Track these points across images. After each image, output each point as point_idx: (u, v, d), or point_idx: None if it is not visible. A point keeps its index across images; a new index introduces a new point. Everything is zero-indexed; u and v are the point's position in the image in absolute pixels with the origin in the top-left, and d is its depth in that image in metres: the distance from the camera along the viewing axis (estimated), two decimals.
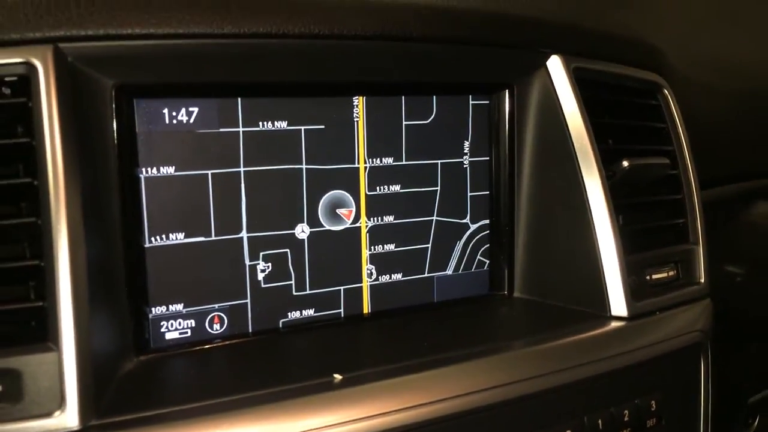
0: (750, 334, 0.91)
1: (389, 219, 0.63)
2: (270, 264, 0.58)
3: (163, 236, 0.54)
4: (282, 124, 0.58)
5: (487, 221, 0.68)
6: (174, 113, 0.53)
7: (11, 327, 0.43)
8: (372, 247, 0.63)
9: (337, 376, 0.49)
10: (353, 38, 0.55)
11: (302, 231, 0.59)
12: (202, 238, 0.55)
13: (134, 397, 0.46)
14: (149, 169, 0.53)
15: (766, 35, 0.97)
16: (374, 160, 0.62)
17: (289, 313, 0.60)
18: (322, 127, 0.59)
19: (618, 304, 0.62)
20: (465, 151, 0.67)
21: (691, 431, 0.65)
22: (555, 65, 0.65)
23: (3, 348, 0.42)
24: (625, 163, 0.64)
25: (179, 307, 0.55)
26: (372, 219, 0.63)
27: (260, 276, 0.58)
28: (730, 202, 0.93)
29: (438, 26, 0.59)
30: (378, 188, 0.63)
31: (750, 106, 0.90)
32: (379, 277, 0.64)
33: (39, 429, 0.41)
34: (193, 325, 0.56)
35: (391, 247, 0.64)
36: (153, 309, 0.54)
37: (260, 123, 0.57)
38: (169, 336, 0.55)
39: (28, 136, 0.44)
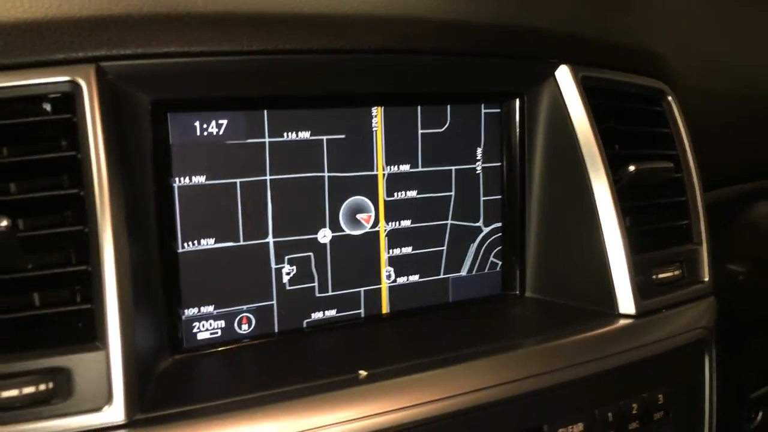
0: (752, 332, 0.93)
1: (406, 223, 0.66)
2: (294, 267, 0.61)
3: (195, 242, 0.57)
4: (305, 135, 0.61)
5: (500, 224, 0.71)
6: (205, 125, 0.56)
7: (61, 328, 0.46)
8: (390, 250, 0.66)
9: (362, 372, 0.52)
10: (371, 52, 0.58)
11: (324, 236, 0.62)
12: (231, 243, 0.58)
13: (172, 393, 0.49)
14: (182, 178, 0.56)
15: (766, 40, 1.00)
16: (392, 167, 0.65)
17: (312, 314, 0.63)
18: (343, 136, 0.62)
19: (626, 302, 0.65)
20: (478, 158, 0.70)
21: (697, 425, 0.68)
22: (563, 74, 0.68)
23: (54, 348, 0.45)
24: (632, 168, 0.67)
25: (210, 308, 0.58)
26: (390, 223, 0.66)
27: (285, 278, 0.61)
28: (732, 203, 0.96)
29: (451, 40, 0.62)
30: (396, 194, 0.66)
31: (751, 109, 0.93)
32: (397, 279, 0.66)
33: (89, 423, 0.44)
34: (223, 325, 0.59)
35: (408, 250, 0.67)
36: (186, 311, 0.57)
37: (285, 133, 0.60)
38: (200, 336, 0.58)
39: (73, 149, 0.47)
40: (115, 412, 0.45)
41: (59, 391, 0.44)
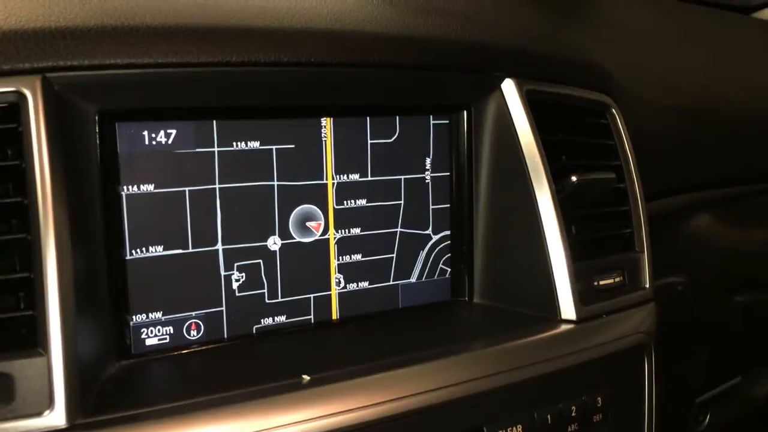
0: (697, 339, 0.97)
1: (356, 231, 0.68)
2: (244, 274, 0.63)
3: (144, 249, 0.58)
4: (255, 144, 0.62)
5: (448, 232, 0.73)
6: (153, 135, 0.57)
7: (3, 335, 0.47)
8: (340, 258, 0.67)
9: (306, 377, 0.54)
10: (320, 65, 0.60)
11: (274, 243, 0.64)
12: (180, 251, 0.59)
13: (117, 398, 0.50)
14: (130, 187, 0.57)
15: (710, 57, 1.04)
16: (342, 176, 0.67)
17: (262, 320, 0.64)
18: (293, 146, 0.64)
19: (567, 308, 0.67)
20: (427, 167, 0.72)
21: (637, 427, 0.70)
22: (509, 88, 0.70)
23: None
24: (574, 179, 0.70)
25: (158, 315, 0.59)
26: (340, 231, 0.67)
27: (235, 285, 0.62)
28: (673, 215, 0.99)
29: (399, 54, 0.64)
30: (345, 202, 0.67)
31: (693, 122, 0.96)
32: (347, 286, 0.68)
33: (29, 427, 0.45)
34: (172, 331, 0.60)
35: (358, 257, 0.68)
36: (134, 317, 0.58)
37: (234, 143, 0.61)
38: (149, 342, 0.59)
39: (18, 158, 0.48)
40: (56, 416, 0.45)
41: (0, 396, 0.45)
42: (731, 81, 1.07)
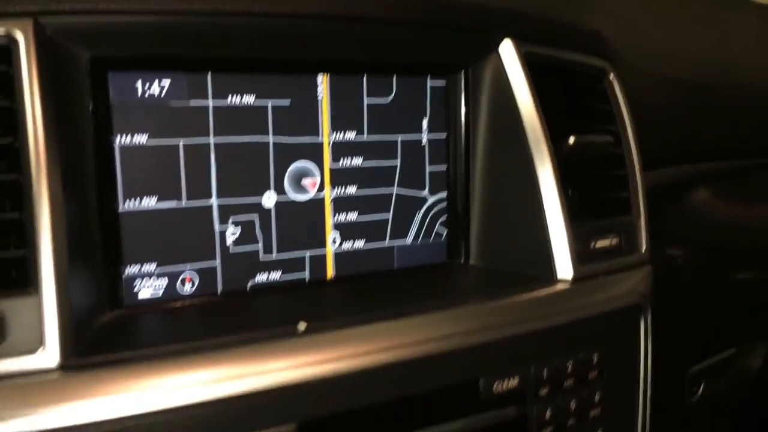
0: (691, 309, 0.96)
1: (352, 190, 0.68)
2: (239, 229, 0.62)
3: (137, 201, 0.58)
4: (250, 99, 0.62)
5: (445, 194, 0.73)
6: (147, 85, 0.57)
7: None
8: (336, 216, 0.67)
9: (302, 325, 0.53)
10: (316, 18, 0.59)
11: (269, 198, 0.63)
12: (174, 203, 0.59)
13: (110, 342, 0.50)
14: (123, 137, 0.56)
15: (708, 27, 1.03)
16: (338, 134, 0.66)
17: (256, 276, 0.64)
18: (288, 102, 0.63)
19: (564, 268, 0.67)
20: (423, 129, 0.71)
21: (631, 385, 0.70)
22: (507, 49, 0.70)
23: None
24: (571, 140, 0.69)
25: (152, 267, 0.59)
26: (336, 190, 0.67)
27: (229, 240, 0.62)
28: (671, 187, 0.99)
29: (397, 9, 0.63)
30: (341, 161, 0.67)
31: (689, 94, 0.96)
32: (343, 245, 0.68)
33: (21, 366, 0.45)
34: (165, 284, 0.60)
35: (353, 216, 0.68)
36: (127, 268, 0.58)
37: (229, 97, 0.61)
38: (141, 295, 0.59)
39: (9, 100, 0.48)
40: (49, 355, 0.45)
41: None
42: (730, 55, 1.07)
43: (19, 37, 0.48)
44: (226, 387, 0.49)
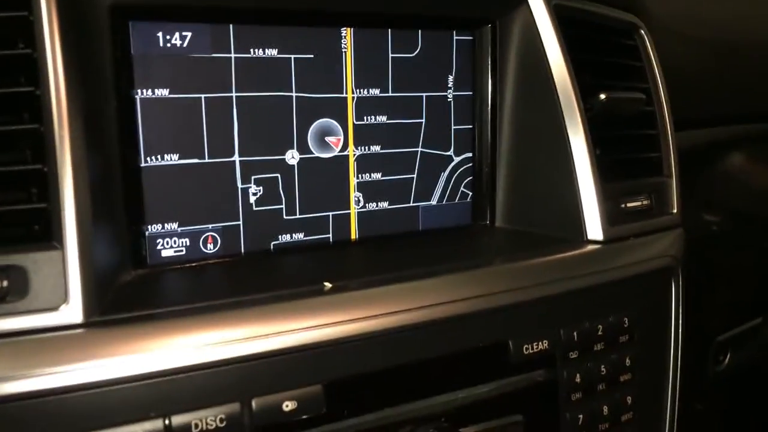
0: (717, 277, 0.94)
1: (376, 148, 0.66)
2: (261, 188, 0.61)
3: (159, 157, 0.56)
4: (272, 52, 0.60)
5: (470, 154, 0.71)
6: (168, 36, 0.55)
7: (16, 229, 0.45)
8: (359, 176, 0.65)
9: (328, 284, 0.52)
10: None
11: (292, 157, 0.62)
12: (195, 160, 0.58)
13: (134, 299, 0.49)
14: (145, 91, 0.55)
15: None
16: (361, 90, 0.64)
17: (279, 236, 0.62)
18: (311, 56, 0.61)
19: (594, 229, 0.65)
20: (449, 86, 0.69)
21: (662, 350, 0.68)
22: (536, 2, 0.67)
23: (7, 246, 0.44)
24: (603, 96, 0.67)
25: (174, 226, 0.58)
26: (359, 148, 0.65)
27: (252, 199, 0.60)
28: (704, 151, 0.96)
29: None
30: (365, 118, 0.65)
31: (719, 55, 0.93)
32: (366, 205, 0.66)
33: (45, 323, 0.44)
34: (188, 243, 0.58)
35: (377, 175, 0.66)
36: (149, 227, 0.57)
37: (251, 50, 0.59)
38: (164, 253, 0.57)
39: (30, 48, 0.46)
40: (72, 312, 0.44)
41: (14, 289, 0.43)
42: (760, 16, 1.03)
43: None
44: (252, 346, 0.47)
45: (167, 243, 0.57)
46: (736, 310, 0.99)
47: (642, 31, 0.76)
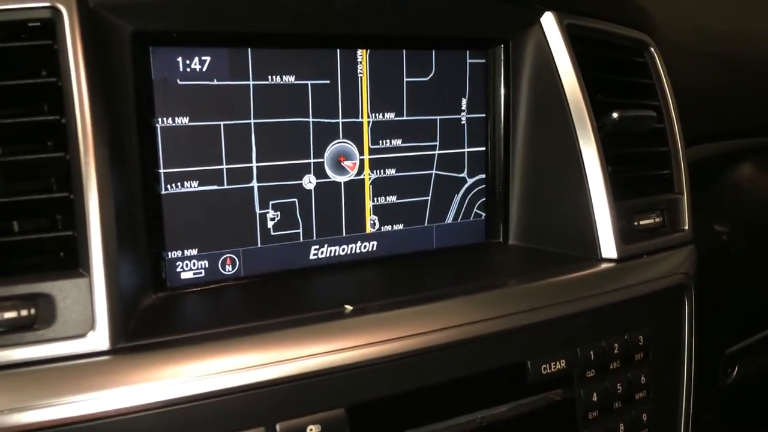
0: (726, 289, 0.95)
1: (391, 172, 0.66)
2: (279, 213, 0.61)
3: (179, 184, 0.57)
4: (290, 79, 0.60)
5: (483, 176, 0.71)
6: (188, 61, 0.56)
7: (43, 257, 0.46)
8: (375, 199, 0.66)
9: (348, 307, 0.52)
10: None
11: (309, 181, 0.62)
12: (215, 187, 0.58)
13: (157, 325, 0.49)
14: (165, 119, 0.55)
15: (744, 5, 1.01)
16: (377, 114, 0.65)
17: (296, 259, 0.62)
18: (328, 81, 0.62)
19: (608, 247, 0.65)
20: (462, 108, 0.70)
21: (676, 366, 0.69)
22: (549, 21, 0.68)
23: (36, 274, 0.44)
24: (615, 115, 0.68)
25: (194, 251, 0.58)
26: (375, 171, 0.66)
27: (270, 224, 0.61)
28: (714, 164, 0.97)
29: None
30: (381, 142, 0.65)
31: (730, 70, 0.94)
32: (382, 228, 0.66)
33: (72, 350, 0.44)
34: (207, 266, 0.59)
35: (393, 198, 0.67)
36: (169, 252, 0.57)
37: (269, 77, 0.59)
38: (184, 276, 0.58)
39: (54, 76, 0.46)
40: (99, 338, 0.44)
41: (42, 317, 0.44)
42: (766, 33, 1.05)
43: (63, 9, 0.47)
44: (275, 370, 0.47)
45: (186, 266, 0.58)
46: (745, 322, 1.00)
47: (652, 49, 0.76)
